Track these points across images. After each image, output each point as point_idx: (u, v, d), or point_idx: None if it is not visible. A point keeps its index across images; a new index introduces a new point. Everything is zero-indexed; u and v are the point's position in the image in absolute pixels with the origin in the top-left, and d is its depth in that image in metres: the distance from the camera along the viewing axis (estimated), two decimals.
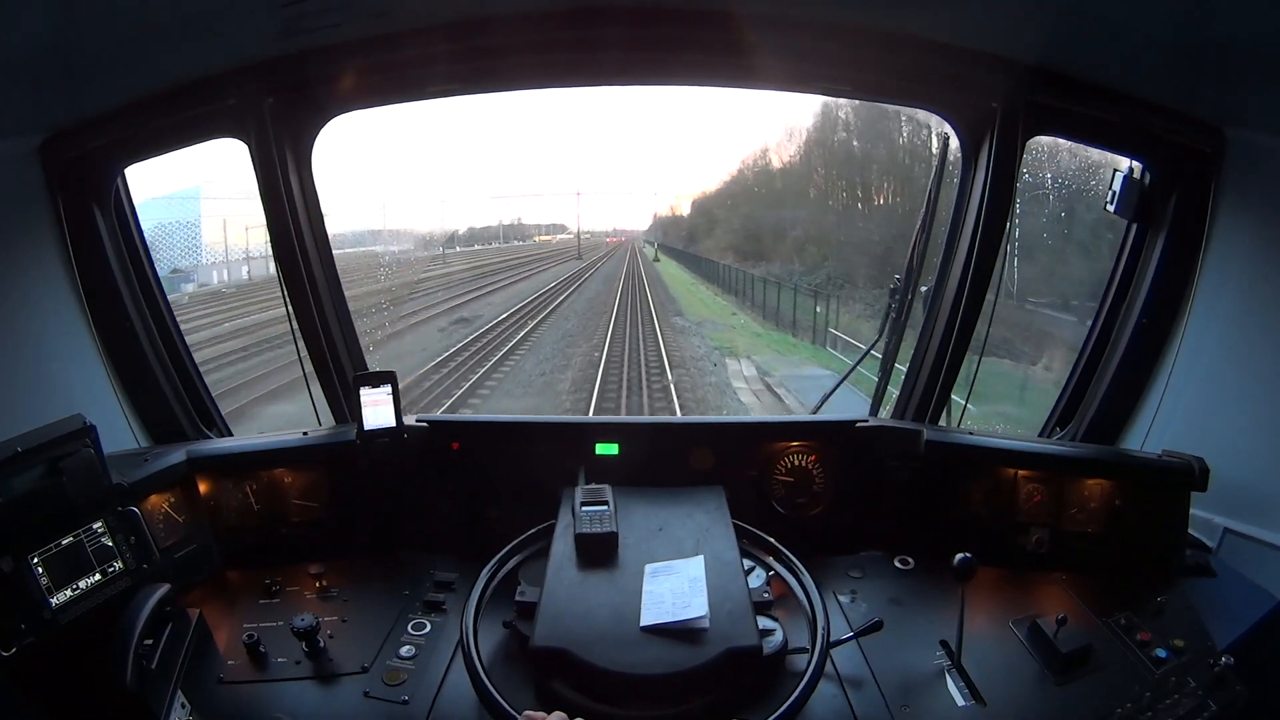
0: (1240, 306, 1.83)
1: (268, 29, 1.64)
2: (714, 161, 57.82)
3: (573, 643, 1.35)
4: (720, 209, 28.39)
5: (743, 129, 48.38)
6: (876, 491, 2.00)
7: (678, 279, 24.85)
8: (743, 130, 52.84)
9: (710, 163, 56.94)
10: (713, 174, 57.90)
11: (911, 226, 2.22)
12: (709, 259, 25.28)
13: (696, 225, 31.07)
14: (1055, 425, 2.28)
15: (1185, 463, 1.75)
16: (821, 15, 1.70)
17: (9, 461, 1.34)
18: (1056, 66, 1.74)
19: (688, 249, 30.19)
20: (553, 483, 1.88)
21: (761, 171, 25.88)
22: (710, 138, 50.88)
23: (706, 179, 52.76)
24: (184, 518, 1.80)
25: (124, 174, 1.97)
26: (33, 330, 1.82)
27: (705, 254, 26.47)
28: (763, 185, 25.20)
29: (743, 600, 1.46)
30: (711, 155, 57.63)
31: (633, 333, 13.95)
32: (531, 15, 1.73)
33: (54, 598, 1.38)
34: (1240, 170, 1.77)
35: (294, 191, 1.95)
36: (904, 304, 2.28)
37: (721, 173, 39.48)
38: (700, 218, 31.02)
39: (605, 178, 32.74)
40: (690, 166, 59.29)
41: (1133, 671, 1.49)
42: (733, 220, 25.53)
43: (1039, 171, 4.19)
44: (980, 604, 1.69)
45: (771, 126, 44.87)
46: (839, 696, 1.47)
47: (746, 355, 12.45)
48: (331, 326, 2.10)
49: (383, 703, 1.46)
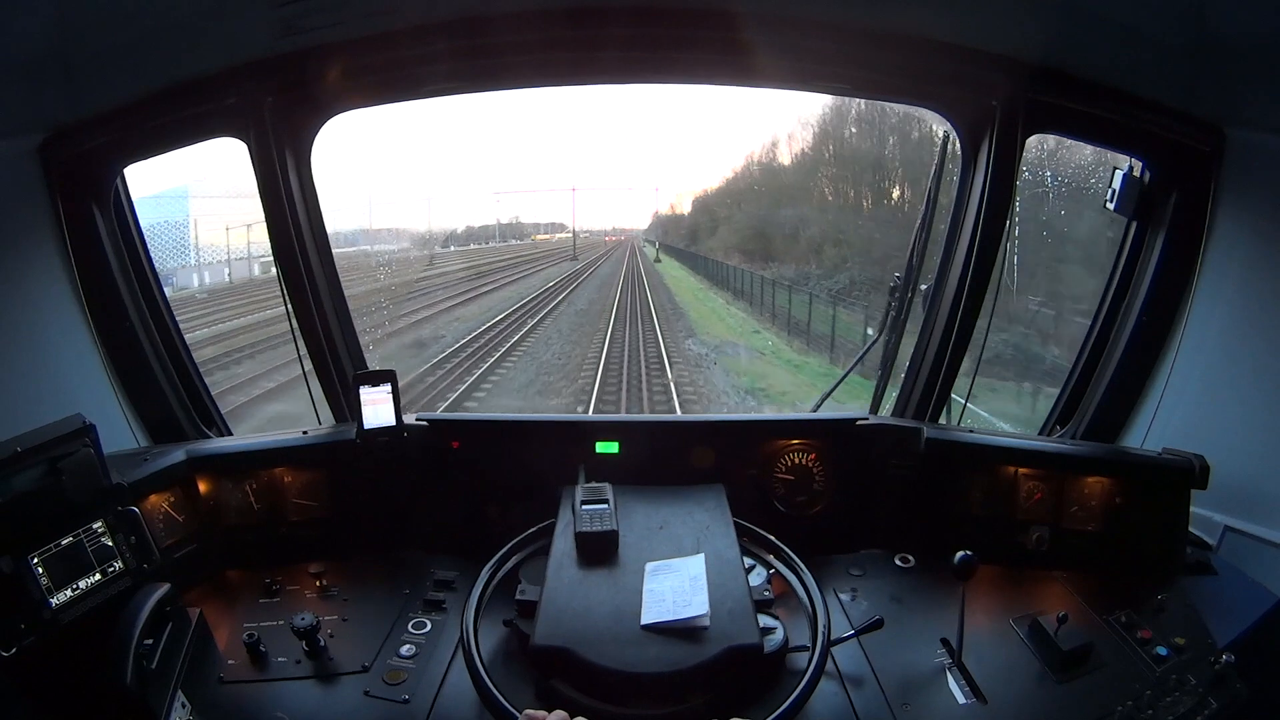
0: (1240, 304, 1.83)
1: (267, 28, 1.65)
2: (717, 157, 56.01)
3: (573, 641, 1.35)
4: (724, 206, 26.66)
5: (748, 123, 46.75)
6: (877, 489, 2.00)
7: (683, 283, 22.67)
8: (748, 124, 50.88)
9: (713, 159, 54.18)
10: (716, 170, 55.17)
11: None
12: (713, 259, 23.48)
13: (699, 224, 29.39)
14: (1055, 423, 2.29)
15: (1185, 460, 1.75)
16: (821, 14, 1.71)
17: (8, 461, 1.34)
18: (1056, 65, 1.74)
19: (689, 248, 28.59)
20: (553, 481, 1.88)
21: (768, 167, 23.96)
22: (713, 132, 49.49)
23: (709, 176, 50.78)
24: (184, 517, 1.80)
25: (123, 173, 1.97)
26: (32, 329, 1.82)
27: (709, 254, 24.77)
28: (770, 181, 23.29)
29: (743, 598, 1.46)
30: (714, 151, 55.84)
31: (633, 365, 10.51)
32: (530, 14, 1.73)
33: (54, 598, 1.38)
34: (1239, 169, 1.78)
35: (293, 191, 1.95)
36: (904, 302, 2.28)
37: (725, 169, 37.50)
38: (702, 216, 29.35)
39: (604, 175, 31.59)
40: (692, 163, 57.40)
41: (1133, 669, 1.49)
42: (738, 218, 23.92)
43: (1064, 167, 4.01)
44: (981, 602, 1.69)
45: (780, 118, 43.25)
46: (840, 695, 1.47)
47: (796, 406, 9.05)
48: (331, 325, 2.10)
49: (383, 702, 1.46)
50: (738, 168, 31.71)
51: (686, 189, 43.98)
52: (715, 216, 27.07)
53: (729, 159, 47.88)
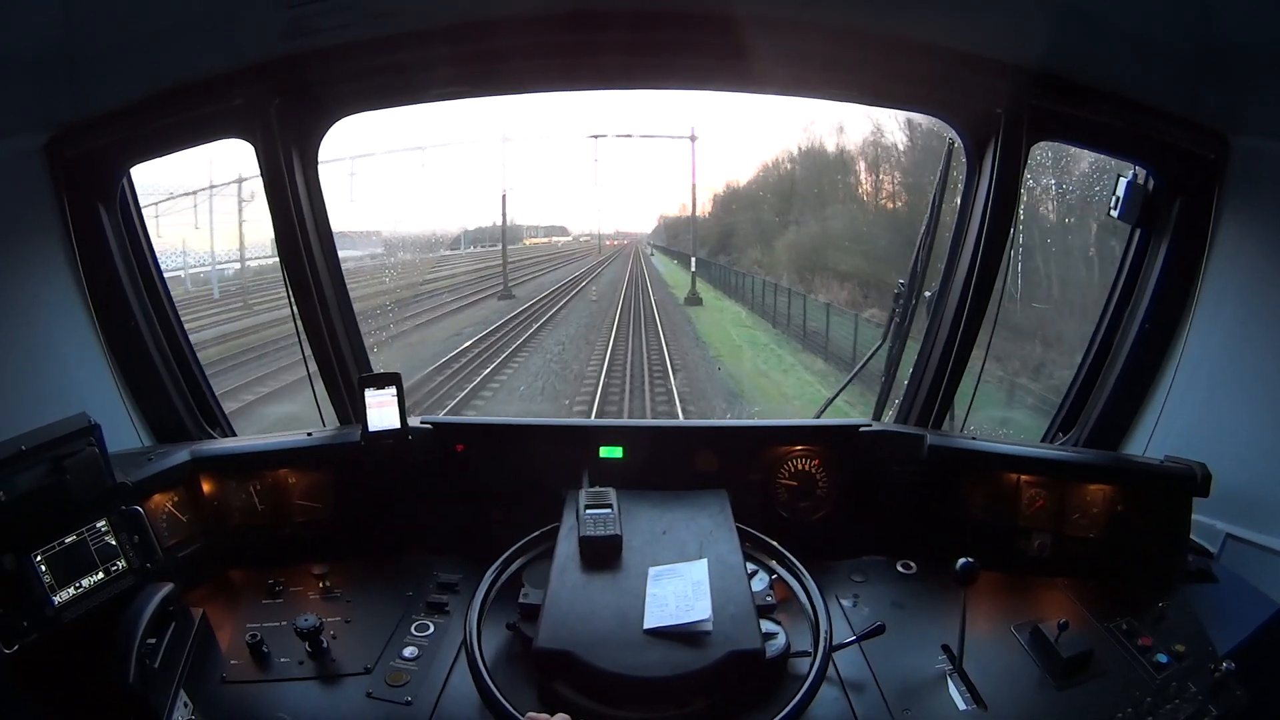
0: (1243, 312, 1.83)
1: (274, 30, 1.65)
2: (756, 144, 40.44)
3: (576, 645, 1.36)
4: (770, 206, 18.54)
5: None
6: (879, 496, 2.00)
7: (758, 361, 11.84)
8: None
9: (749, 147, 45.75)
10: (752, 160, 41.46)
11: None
12: (754, 277, 15.87)
13: (736, 226, 20.50)
14: (1058, 430, 2.28)
15: (1187, 468, 1.75)
16: (824, 20, 1.71)
17: (13, 460, 1.35)
18: (1060, 72, 1.74)
19: (715, 259, 20.54)
20: (557, 485, 1.89)
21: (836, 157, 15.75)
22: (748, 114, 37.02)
23: (741, 168, 38.36)
24: (187, 517, 1.81)
25: (129, 173, 1.97)
26: (38, 329, 1.82)
27: (747, 269, 17.28)
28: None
29: (746, 603, 1.46)
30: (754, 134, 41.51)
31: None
32: (534, 18, 1.74)
33: (57, 596, 1.38)
34: (1243, 176, 1.78)
35: (299, 193, 1.95)
36: (908, 309, 2.29)
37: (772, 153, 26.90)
38: (744, 213, 20.31)
39: (608, 172, 29.12)
40: (718, 153, 43.35)
41: (1134, 677, 1.49)
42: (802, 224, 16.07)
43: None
44: (982, 608, 1.69)
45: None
46: (841, 700, 1.47)
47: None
48: (336, 327, 2.10)
49: (385, 703, 1.46)
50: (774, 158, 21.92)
51: (708, 185, 34.94)
52: (759, 220, 18.80)
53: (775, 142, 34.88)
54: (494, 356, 11.13)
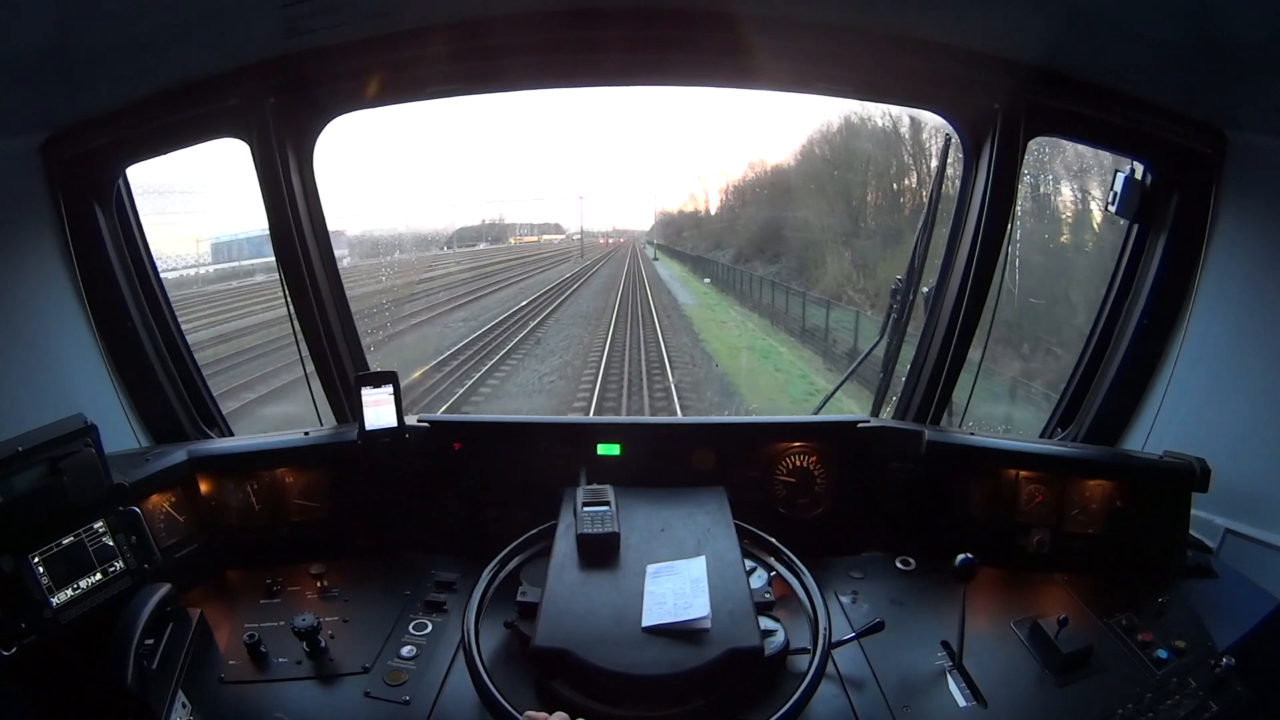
0: (1241, 307, 1.83)
1: (269, 29, 1.65)
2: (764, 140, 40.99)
3: (574, 643, 1.35)
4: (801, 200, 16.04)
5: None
6: (878, 492, 2.00)
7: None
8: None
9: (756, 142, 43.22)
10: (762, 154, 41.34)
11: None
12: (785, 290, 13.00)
13: (747, 224, 18.28)
14: (1057, 426, 2.29)
15: (1186, 464, 1.75)
16: (822, 16, 1.70)
17: (10, 461, 1.34)
18: (1058, 68, 1.74)
19: (736, 264, 18.09)
20: (554, 483, 1.88)
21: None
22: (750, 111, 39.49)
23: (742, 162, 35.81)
24: (185, 517, 1.80)
25: (125, 173, 1.97)
26: (34, 329, 1.82)
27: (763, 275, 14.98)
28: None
29: (744, 601, 1.46)
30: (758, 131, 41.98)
31: None
32: (532, 16, 1.73)
33: (54, 597, 1.38)
34: (1241, 172, 1.78)
35: (295, 191, 1.95)
36: (905, 305, 2.28)
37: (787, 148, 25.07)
38: (759, 208, 18.33)
39: (603, 169, 27.07)
40: (719, 149, 42.14)
41: (1134, 672, 1.49)
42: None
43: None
44: (981, 605, 1.69)
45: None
46: (840, 697, 1.47)
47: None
48: (333, 326, 2.10)
49: (384, 703, 1.46)
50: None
51: (712, 177, 34.46)
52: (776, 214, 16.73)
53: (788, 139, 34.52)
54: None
